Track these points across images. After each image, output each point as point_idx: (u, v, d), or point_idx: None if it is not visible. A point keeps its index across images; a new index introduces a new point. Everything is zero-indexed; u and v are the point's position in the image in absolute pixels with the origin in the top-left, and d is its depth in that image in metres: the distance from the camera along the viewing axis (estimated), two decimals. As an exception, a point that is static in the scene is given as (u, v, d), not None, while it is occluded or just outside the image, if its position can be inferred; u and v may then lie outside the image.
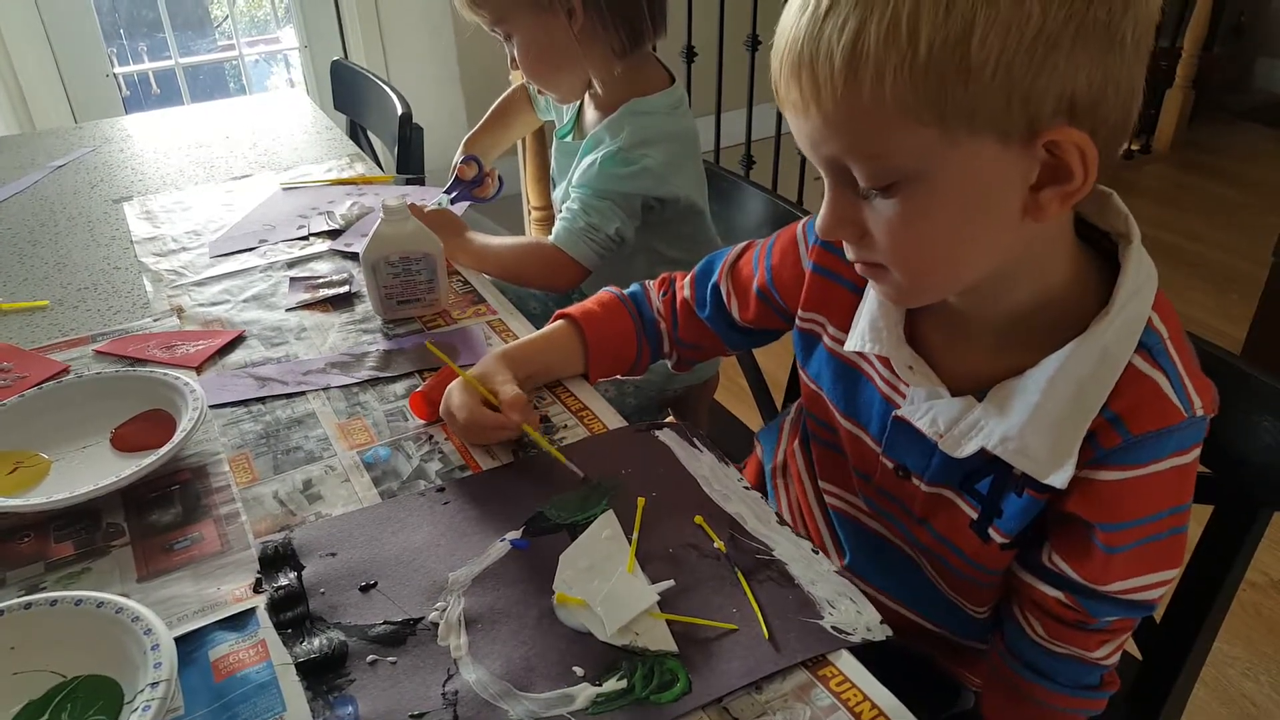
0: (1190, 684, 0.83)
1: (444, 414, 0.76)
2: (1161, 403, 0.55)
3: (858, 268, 0.59)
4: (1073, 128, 0.48)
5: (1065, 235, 0.58)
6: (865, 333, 0.66)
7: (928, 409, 0.62)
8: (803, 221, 0.76)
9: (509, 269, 1.07)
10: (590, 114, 1.16)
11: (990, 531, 0.64)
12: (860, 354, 0.68)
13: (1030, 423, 0.57)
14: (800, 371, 0.76)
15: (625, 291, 0.87)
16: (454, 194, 1.21)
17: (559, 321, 0.84)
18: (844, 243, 0.58)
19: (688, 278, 0.85)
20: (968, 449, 0.60)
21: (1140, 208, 3.35)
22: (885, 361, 0.66)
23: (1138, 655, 0.86)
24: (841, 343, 0.69)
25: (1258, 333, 1.98)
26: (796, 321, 0.74)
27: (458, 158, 1.26)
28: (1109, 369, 0.55)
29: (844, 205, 0.55)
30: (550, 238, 1.08)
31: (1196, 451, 0.58)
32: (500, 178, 1.26)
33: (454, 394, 0.75)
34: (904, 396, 0.65)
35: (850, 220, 0.55)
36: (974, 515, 0.64)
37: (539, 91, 1.22)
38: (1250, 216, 2.90)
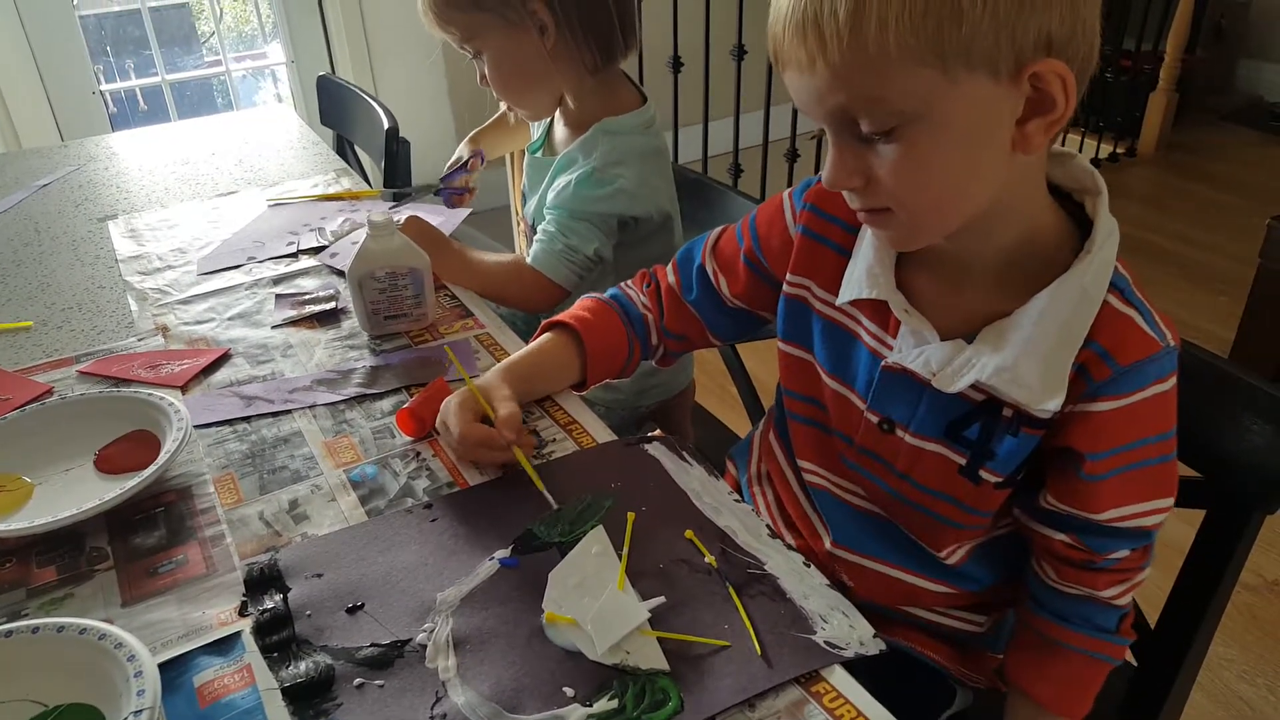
0: (1187, 689, 0.83)
1: (439, 425, 0.75)
2: (1140, 335, 0.61)
3: (861, 216, 0.63)
4: (1053, 58, 0.53)
5: (1041, 181, 0.63)
6: (862, 280, 0.68)
7: (919, 353, 0.65)
8: (788, 190, 0.78)
9: (489, 287, 1.06)
10: (561, 131, 1.15)
11: (982, 474, 0.67)
12: (848, 314, 0.71)
13: (1022, 356, 0.61)
14: (781, 346, 0.78)
15: (607, 294, 0.87)
16: (443, 191, 1.21)
17: (549, 332, 0.84)
18: (848, 193, 0.62)
19: (669, 266, 0.87)
20: (961, 384, 0.63)
21: (1126, 210, 3.38)
22: (874, 316, 0.69)
23: (1133, 661, 0.86)
24: (829, 304, 0.73)
25: (1245, 334, 1.98)
26: (784, 287, 0.76)
27: (463, 150, 1.26)
28: (1088, 306, 0.60)
29: (848, 156, 0.59)
30: (529, 259, 1.07)
31: (1174, 380, 0.63)
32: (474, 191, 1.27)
33: (451, 406, 0.75)
34: (891, 350, 0.68)
35: (855, 170, 0.59)
36: (962, 462, 0.67)
37: (508, 109, 1.20)
38: (1236, 218, 2.92)
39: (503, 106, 1.31)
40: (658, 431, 0.78)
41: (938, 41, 0.52)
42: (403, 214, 1.05)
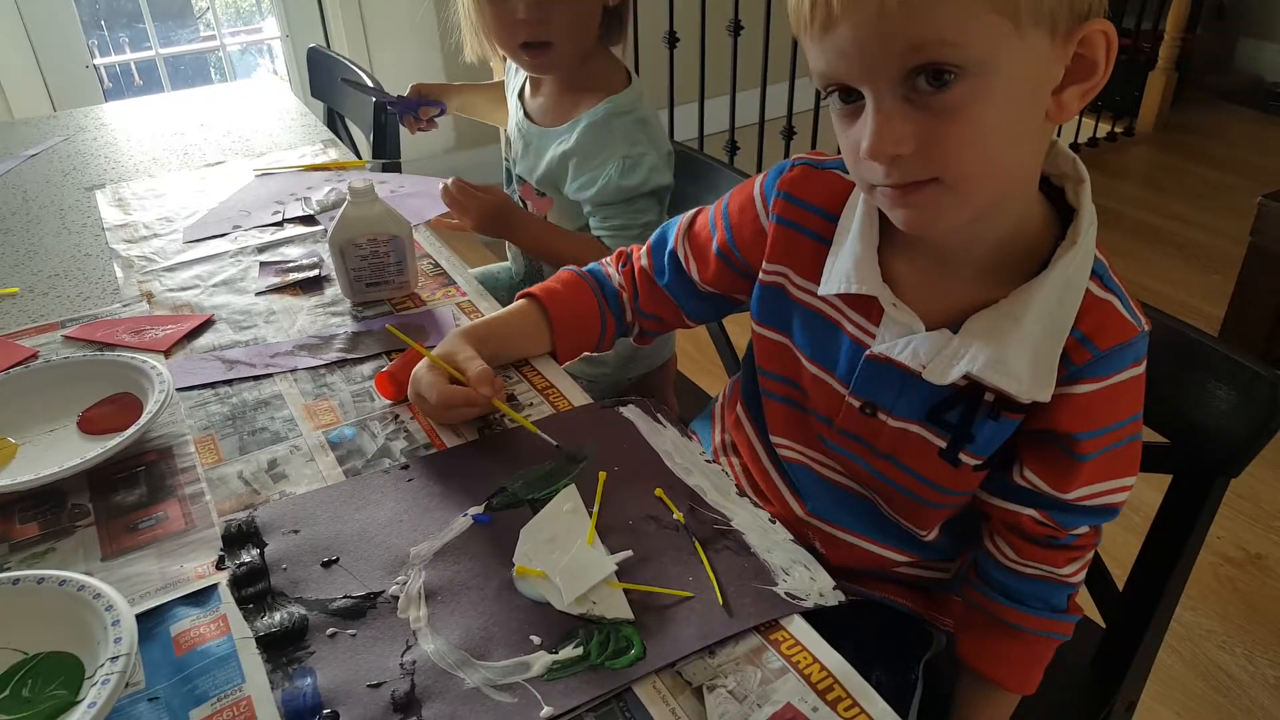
0: (1153, 650, 0.84)
1: (412, 397, 0.76)
2: (1119, 320, 0.62)
3: (890, 194, 0.58)
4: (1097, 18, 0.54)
5: (1039, 170, 0.62)
6: (849, 273, 0.68)
7: (906, 344, 0.65)
8: (759, 179, 0.77)
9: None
10: (551, 95, 1.18)
11: (961, 457, 0.68)
12: (829, 302, 0.71)
13: (1013, 346, 0.61)
14: (756, 329, 0.78)
15: (584, 269, 0.87)
16: (398, 109, 1.28)
17: (521, 301, 0.85)
18: (884, 167, 0.57)
19: (644, 248, 0.87)
20: (952, 375, 0.63)
21: (1124, 190, 3.35)
22: (857, 306, 0.69)
23: (1101, 623, 0.87)
24: (808, 292, 0.72)
25: (1235, 311, 1.99)
26: (760, 275, 0.76)
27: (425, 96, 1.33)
28: (1073, 294, 0.61)
29: (896, 118, 0.55)
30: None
31: (1144, 363, 0.64)
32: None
33: (421, 375, 0.75)
34: (874, 337, 0.68)
35: (904, 134, 0.55)
36: (943, 445, 0.68)
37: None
38: (1233, 197, 2.91)
39: (496, 74, 1.32)
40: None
41: None
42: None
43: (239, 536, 0.65)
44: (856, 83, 0.56)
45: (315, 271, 1.00)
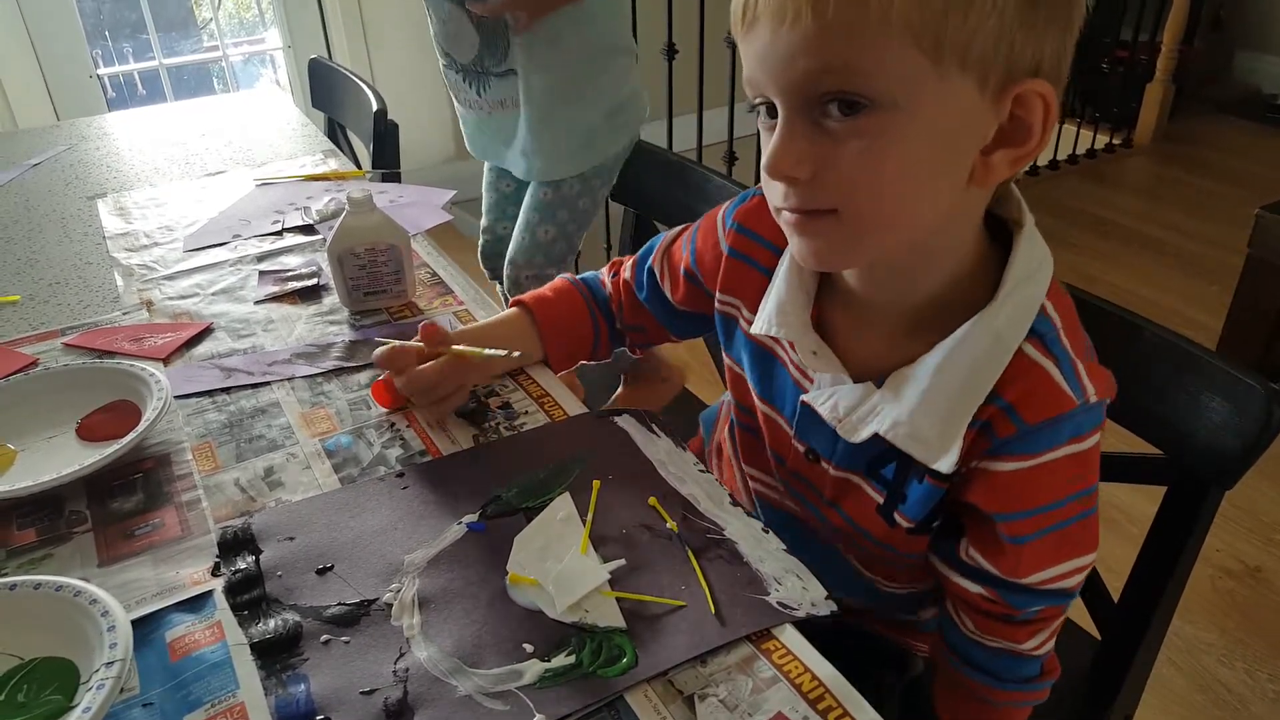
0: (1149, 663, 0.84)
1: (400, 389, 0.77)
2: (1053, 390, 0.56)
3: (792, 220, 0.56)
4: (1041, 79, 0.51)
5: (977, 220, 0.58)
6: (772, 316, 0.65)
7: (830, 394, 0.63)
8: (724, 206, 0.76)
9: None
10: None
11: (896, 516, 0.64)
12: (775, 339, 0.68)
13: (921, 407, 0.57)
14: (724, 355, 0.77)
15: (579, 277, 0.88)
16: None
17: (513, 309, 0.85)
18: (785, 189, 0.54)
19: (631, 260, 0.87)
20: (863, 434, 0.61)
21: (1122, 201, 3.35)
22: (794, 345, 0.66)
23: (1096, 635, 0.87)
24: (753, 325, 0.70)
25: (1233, 323, 1.99)
26: (715, 304, 0.75)
27: None
28: (1000, 352, 0.56)
29: (801, 140, 0.52)
30: None
31: (1095, 437, 0.58)
32: None
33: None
34: (813, 381, 0.65)
35: (805, 156, 0.52)
36: (879, 500, 0.65)
37: None
38: (1230, 208, 2.92)
39: None
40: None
41: (940, 26, 0.48)
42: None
43: (235, 543, 0.65)
44: (771, 93, 0.53)
45: (314, 280, 1.01)
